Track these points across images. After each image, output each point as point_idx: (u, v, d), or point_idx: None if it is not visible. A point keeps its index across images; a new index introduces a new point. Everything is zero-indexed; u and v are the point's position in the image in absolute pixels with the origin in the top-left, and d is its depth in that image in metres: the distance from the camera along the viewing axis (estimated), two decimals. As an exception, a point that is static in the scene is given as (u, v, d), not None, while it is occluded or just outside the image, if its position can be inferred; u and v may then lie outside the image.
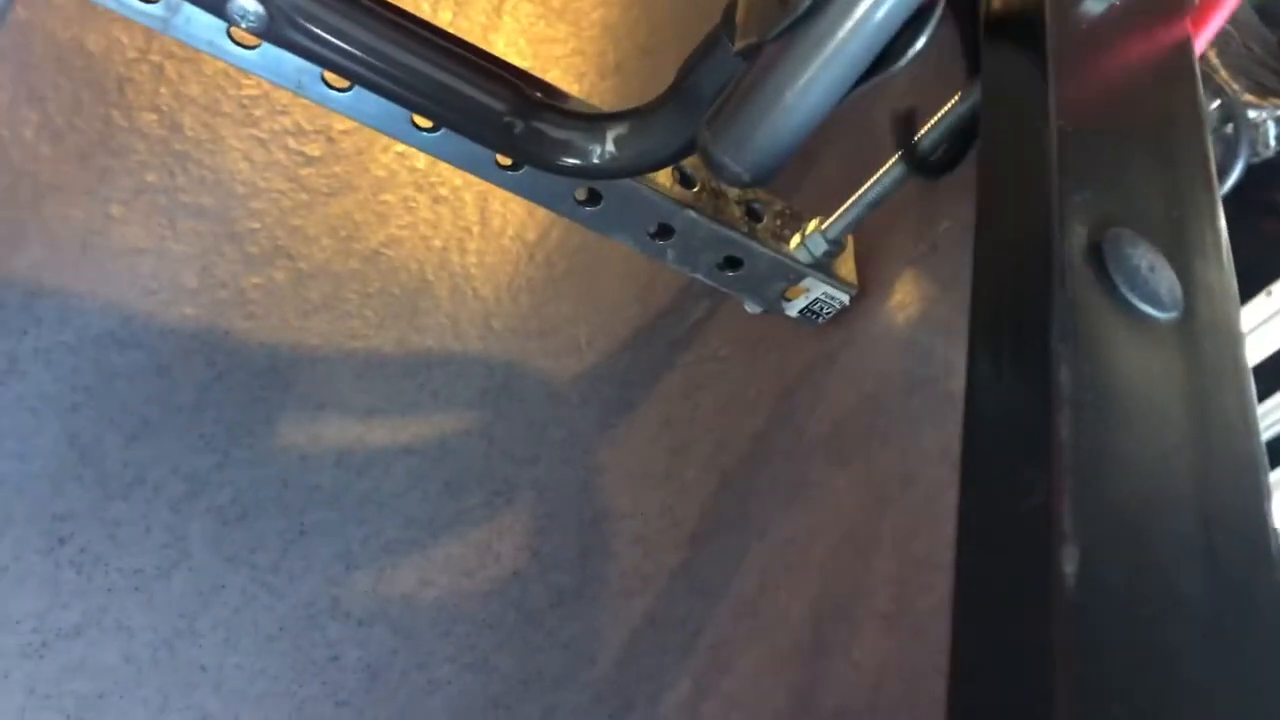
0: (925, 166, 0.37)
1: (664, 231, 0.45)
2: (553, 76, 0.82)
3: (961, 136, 0.39)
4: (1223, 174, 0.88)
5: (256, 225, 0.65)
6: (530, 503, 0.59)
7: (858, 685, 0.45)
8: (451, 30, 0.80)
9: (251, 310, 0.62)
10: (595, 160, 0.37)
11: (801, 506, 0.50)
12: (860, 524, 0.47)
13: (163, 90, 0.67)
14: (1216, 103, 0.91)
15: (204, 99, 0.68)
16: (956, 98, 0.41)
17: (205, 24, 0.38)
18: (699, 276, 0.48)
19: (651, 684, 0.49)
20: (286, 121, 0.70)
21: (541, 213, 0.72)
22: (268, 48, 0.39)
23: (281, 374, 0.61)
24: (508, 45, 0.81)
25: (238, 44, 0.40)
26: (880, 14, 0.27)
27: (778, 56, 0.29)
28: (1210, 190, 0.32)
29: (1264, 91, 0.90)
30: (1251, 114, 0.90)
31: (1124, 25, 0.32)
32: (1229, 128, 0.88)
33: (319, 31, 0.34)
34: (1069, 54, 0.31)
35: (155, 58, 0.69)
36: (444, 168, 0.73)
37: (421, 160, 0.73)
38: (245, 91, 0.70)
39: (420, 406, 0.63)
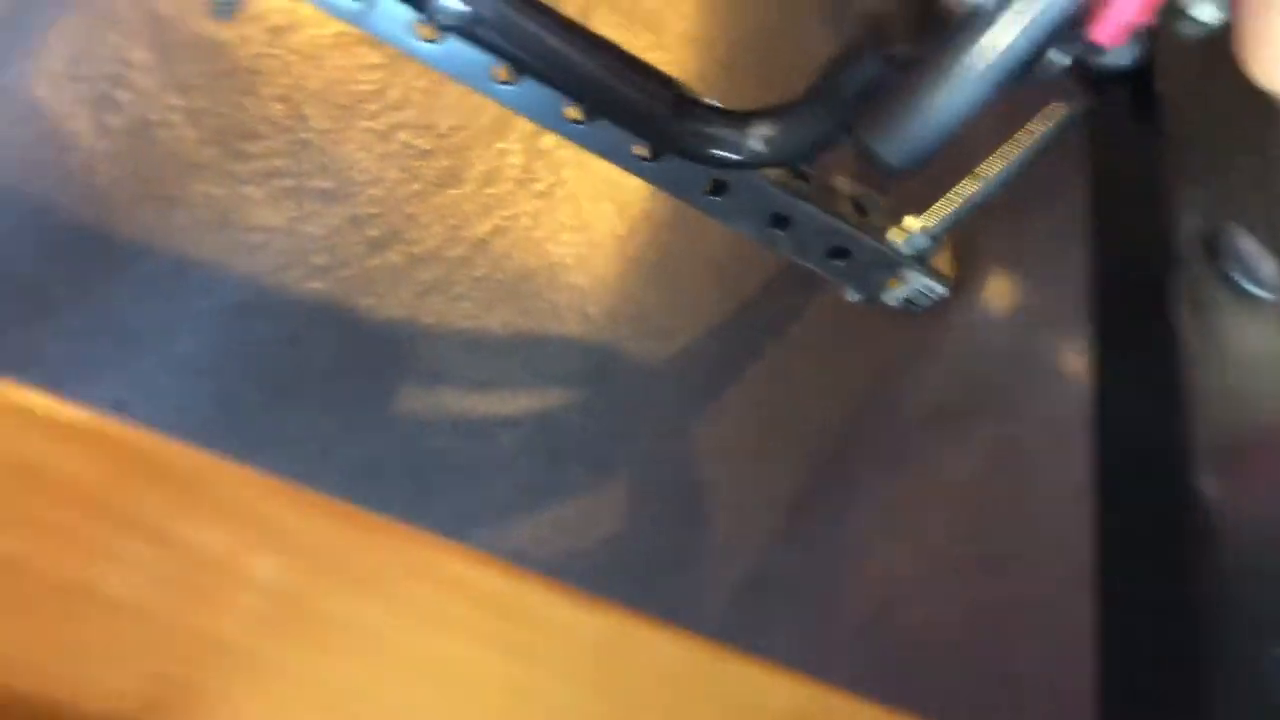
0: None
1: (780, 221, 0.50)
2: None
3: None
4: None
5: (375, 211, 0.70)
6: (628, 475, 0.64)
7: (959, 625, 0.49)
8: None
9: (373, 288, 0.67)
10: (741, 154, 0.42)
11: (901, 475, 0.55)
12: (964, 489, 0.52)
13: (288, 82, 0.73)
14: None
15: (326, 93, 0.73)
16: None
17: (394, 21, 0.43)
18: (808, 264, 0.53)
19: (753, 634, 0.53)
20: (400, 117, 0.75)
21: (630, 211, 0.77)
22: (450, 43, 0.44)
23: (401, 347, 0.66)
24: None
25: (422, 40, 0.45)
26: (1045, 25, 0.32)
27: (932, 64, 0.34)
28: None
29: None
30: None
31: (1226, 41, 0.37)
32: None
33: (509, 25, 0.39)
34: (1177, 62, 0.36)
35: (280, 51, 0.74)
36: (541, 166, 0.78)
37: (520, 157, 0.78)
38: (361, 87, 0.75)
39: (525, 383, 0.68)
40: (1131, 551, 0.27)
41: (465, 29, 0.39)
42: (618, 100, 0.42)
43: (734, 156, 0.43)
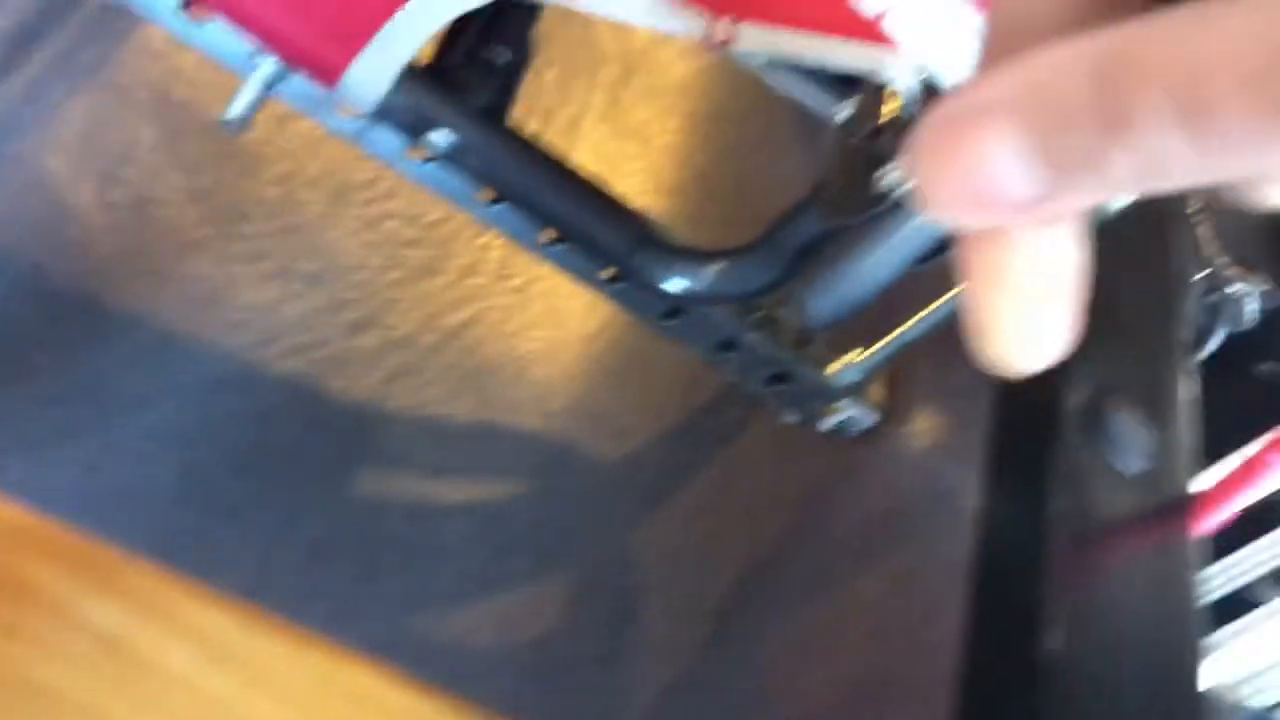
0: None
1: (728, 346, 0.54)
2: (619, 190, 0.92)
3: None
4: (1204, 340, 0.96)
5: (356, 295, 0.74)
6: (572, 571, 0.66)
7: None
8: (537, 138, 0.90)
9: (346, 370, 0.70)
10: (695, 288, 0.45)
11: (823, 595, 0.57)
12: (875, 613, 0.55)
13: (288, 168, 0.77)
14: (1204, 273, 0.99)
15: (322, 180, 0.78)
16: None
17: (389, 143, 0.47)
18: (750, 387, 0.56)
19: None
20: (390, 206, 0.79)
21: (599, 311, 0.81)
22: (438, 167, 0.48)
23: (365, 429, 0.69)
24: (581, 158, 0.90)
25: (413, 161, 0.49)
26: (929, 230, 0.37)
27: (861, 235, 0.39)
28: (1185, 371, 0.40)
29: (1248, 267, 0.97)
30: (1234, 287, 0.95)
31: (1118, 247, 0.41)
32: (1212, 297, 0.96)
33: (491, 160, 0.43)
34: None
35: (283, 140, 0.78)
36: (519, 262, 0.82)
37: (499, 252, 0.82)
38: (357, 176, 0.79)
39: (481, 473, 0.71)
40: (986, 699, 0.30)
41: (452, 157, 0.43)
42: (585, 231, 0.46)
43: (683, 290, 0.46)
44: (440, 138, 0.42)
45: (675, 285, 0.46)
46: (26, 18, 0.71)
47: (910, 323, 0.52)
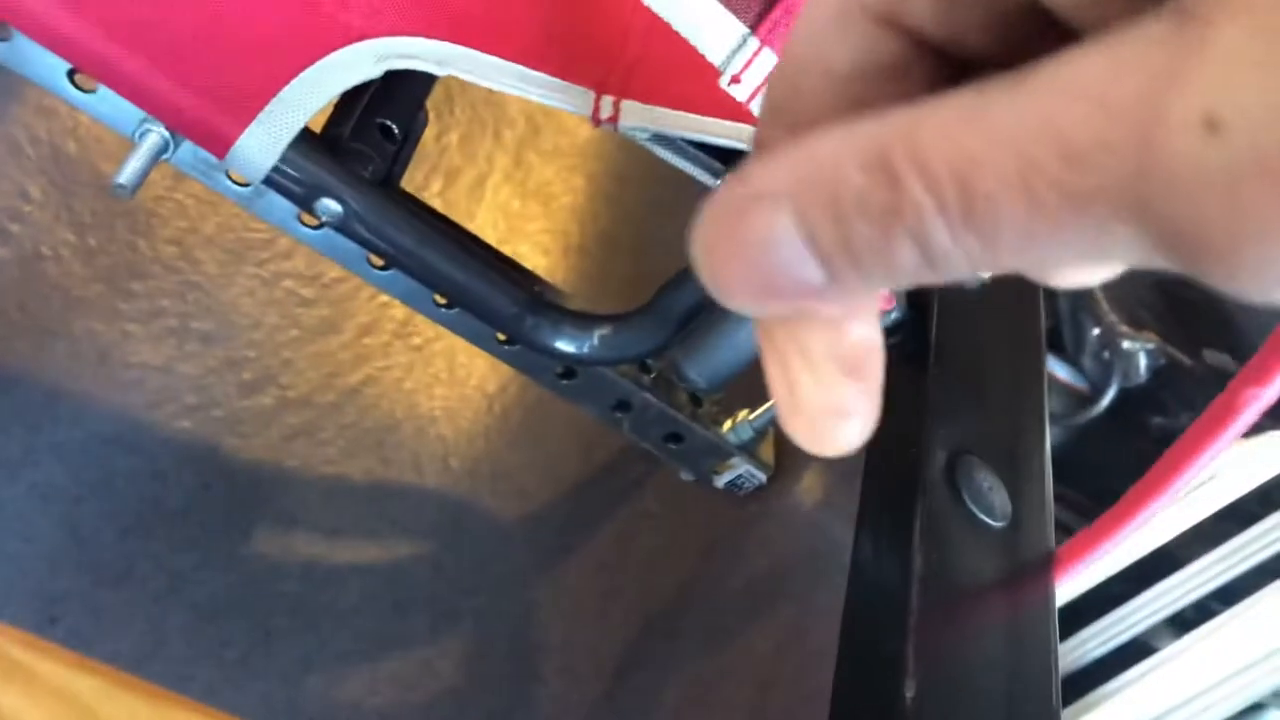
0: None
1: (622, 406, 0.56)
2: (523, 249, 0.93)
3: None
4: (1098, 395, 1.00)
5: (252, 354, 0.74)
6: (470, 629, 0.66)
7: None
8: (440, 199, 0.91)
9: (241, 430, 0.70)
10: (583, 351, 0.47)
11: (716, 649, 0.58)
12: (764, 666, 0.56)
13: (184, 225, 0.76)
14: (1096, 330, 1.04)
15: (218, 238, 0.77)
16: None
17: (281, 208, 0.48)
18: (646, 445, 0.58)
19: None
20: (287, 265, 0.79)
21: (501, 369, 0.82)
22: (330, 232, 0.48)
23: (261, 489, 0.68)
24: (485, 218, 0.92)
25: (304, 225, 0.49)
26: None
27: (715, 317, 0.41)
28: (1042, 429, 0.43)
29: (1139, 325, 1.02)
30: (1126, 344, 0.99)
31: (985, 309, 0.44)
32: (1106, 354, 1.01)
33: (379, 229, 0.44)
34: (951, 321, 0.43)
35: (180, 196, 0.78)
36: (420, 321, 0.82)
37: (400, 311, 0.82)
38: (254, 234, 0.79)
39: (379, 532, 0.71)
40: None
41: (341, 226, 0.44)
42: (475, 296, 0.47)
43: (576, 353, 0.48)
44: (329, 205, 0.43)
45: (565, 347, 0.48)
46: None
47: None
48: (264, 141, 0.40)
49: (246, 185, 0.47)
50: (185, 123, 0.41)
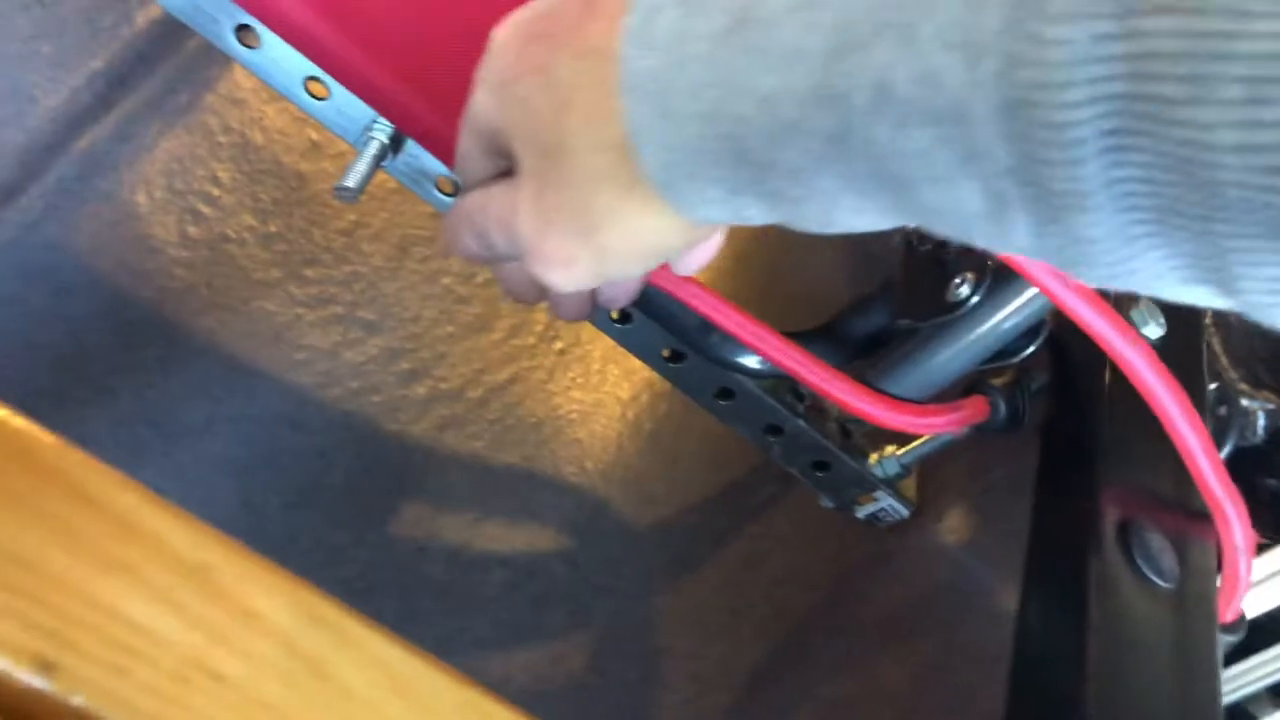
0: (997, 427, 0.49)
1: (774, 430, 0.57)
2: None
3: (1027, 401, 0.51)
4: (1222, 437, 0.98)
5: (411, 345, 0.77)
6: (602, 627, 0.69)
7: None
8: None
9: (397, 416, 0.74)
10: (764, 367, 0.49)
11: (849, 676, 0.60)
12: (902, 699, 0.57)
13: (354, 218, 0.80)
14: (1214, 385, 1.02)
15: (385, 232, 0.81)
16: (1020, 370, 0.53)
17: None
18: (792, 470, 0.59)
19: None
20: (445, 263, 0.83)
21: (636, 376, 0.84)
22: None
23: (413, 474, 0.72)
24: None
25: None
26: (1010, 324, 0.41)
27: (931, 337, 0.43)
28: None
29: (1258, 384, 1.00)
30: (1244, 402, 0.98)
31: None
32: (1223, 410, 0.99)
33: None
34: (1121, 389, 0.43)
35: (361, 197, 0.82)
36: (563, 325, 0.85)
37: (546, 314, 0.85)
38: (418, 231, 0.83)
39: (519, 525, 0.74)
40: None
41: None
42: (663, 310, 0.50)
43: (754, 367, 0.50)
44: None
45: (746, 361, 0.50)
46: (123, 61, 0.75)
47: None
48: None
49: (455, 195, 0.50)
50: (425, 133, 0.44)
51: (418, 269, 0.81)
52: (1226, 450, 0.96)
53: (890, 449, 0.59)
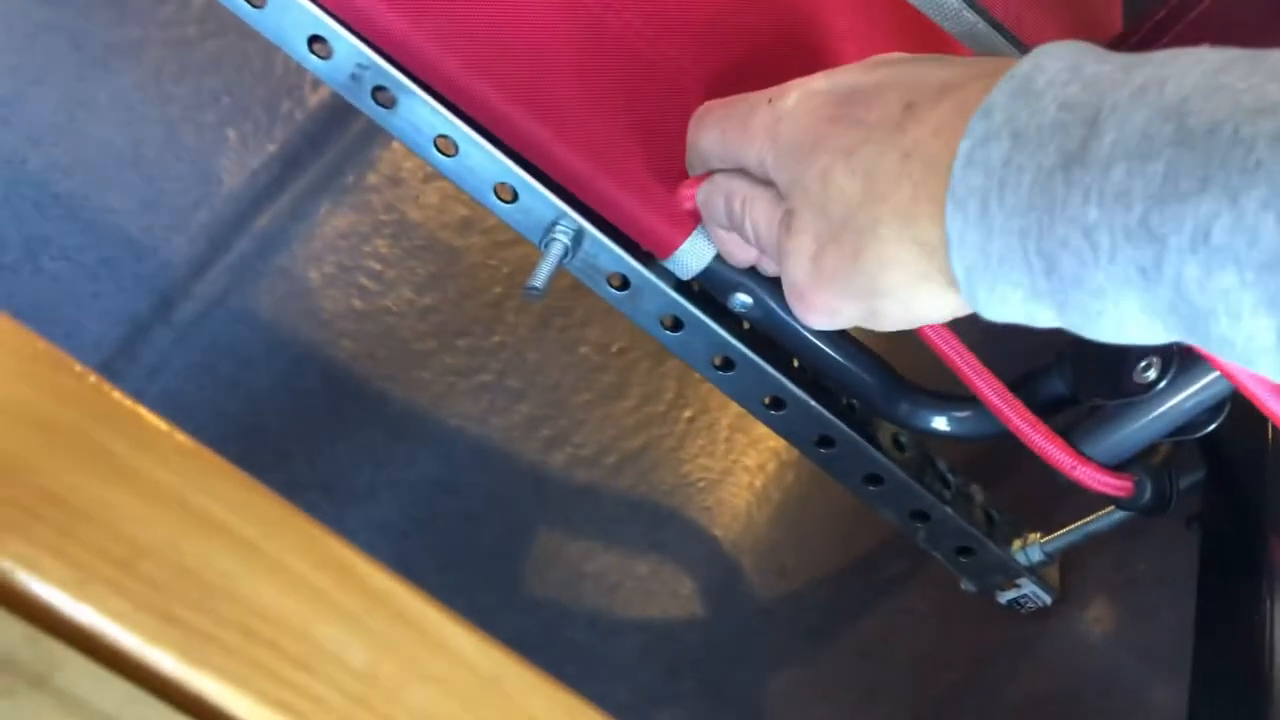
0: (1149, 509, 0.50)
1: (921, 516, 0.59)
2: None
3: (1175, 488, 0.52)
4: None
5: (552, 413, 0.81)
6: (735, 698, 0.71)
7: None
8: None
9: (540, 483, 0.77)
10: (949, 429, 0.52)
11: (988, 762, 0.61)
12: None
13: (500, 291, 0.85)
14: None
15: (530, 305, 0.85)
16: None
17: (648, 314, 0.55)
18: (937, 554, 0.61)
19: None
20: (583, 333, 0.86)
21: (764, 444, 0.87)
22: (682, 336, 0.55)
23: (555, 540, 0.75)
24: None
25: (664, 329, 0.56)
26: (1192, 404, 0.44)
27: (1118, 414, 0.46)
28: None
29: None
30: None
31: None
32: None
33: (784, 319, 0.51)
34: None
35: (496, 262, 0.86)
36: (691, 394, 0.88)
37: (675, 383, 0.88)
38: (557, 303, 0.87)
39: (654, 592, 0.76)
40: None
41: (752, 315, 0.50)
42: (852, 377, 0.53)
43: (941, 430, 0.52)
44: (743, 299, 0.50)
45: (939, 425, 0.52)
46: (296, 144, 0.81)
47: (1101, 514, 0.56)
48: (700, 248, 0.48)
49: (624, 290, 0.53)
50: (637, 228, 0.48)
51: (558, 339, 0.85)
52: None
53: (1034, 536, 0.60)
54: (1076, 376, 0.50)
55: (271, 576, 0.22)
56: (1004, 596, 0.61)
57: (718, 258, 0.50)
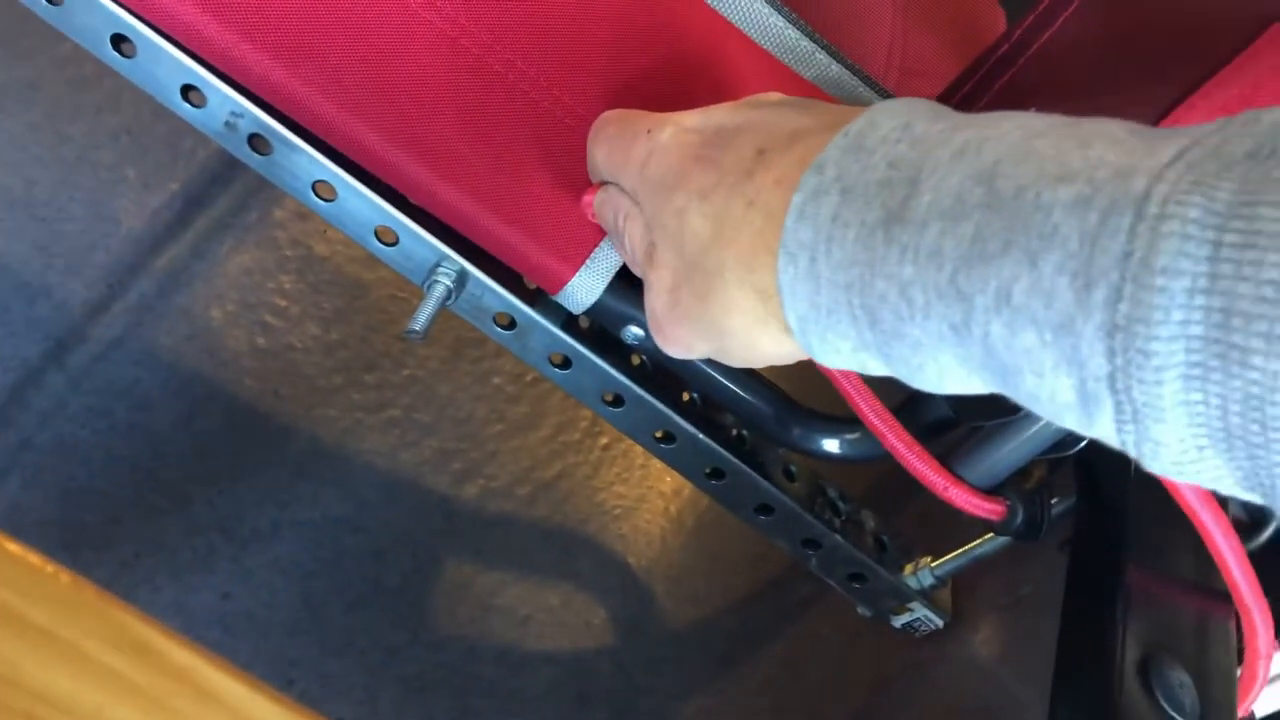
0: (1021, 533, 0.52)
1: (812, 544, 0.60)
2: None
3: (1046, 513, 0.53)
4: (1259, 527, 1.00)
5: (464, 446, 0.81)
6: (644, 725, 0.71)
7: None
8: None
9: (451, 517, 0.77)
10: (841, 452, 0.53)
11: (884, 785, 0.62)
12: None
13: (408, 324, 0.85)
14: None
15: (440, 336, 0.85)
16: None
17: (537, 353, 0.55)
18: (830, 581, 0.62)
19: None
20: (496, 364, 0.87)
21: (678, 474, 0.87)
22: (571, 373, 0.55)
23: (464, 574, 0.75)
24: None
25: (553, 365, 0.56)
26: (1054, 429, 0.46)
27: (995, 433, 0.47)
28: (1228, 628, 0.45)
29: None
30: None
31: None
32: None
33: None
34: (1145, 512, 0.46)
35: (407, 295, 0.86)
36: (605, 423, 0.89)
37: (589, 412, 0.89)
38: (470, 334, 0.87)
39: (565, 623, 0.76)
40: None
41: (644, 347, 0.51)
42: (746, 406, 0.53)
43: (835, 453, 0.53)
44: (634, 331, 0.51)
45: (830, 447, 0.54)
46: (199, 182, 0.81)
47: (984, 538, 0.58)
48: (590, 282, 0.48)
49: (511, 329, 0.54)
50: (526, 264, 0.49)
51: (470, 370, 0.85)
52: (1272, 528, 0.98)
53: (925, 560, 0.61)
54: (957, 398, 0.52)
55: (65, 662, 0.22)
56: (898, 620, 0.62)
57: (608, 290, 0.50)
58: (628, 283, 0.50)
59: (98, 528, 0.66)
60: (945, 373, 0.30)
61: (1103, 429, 0.26)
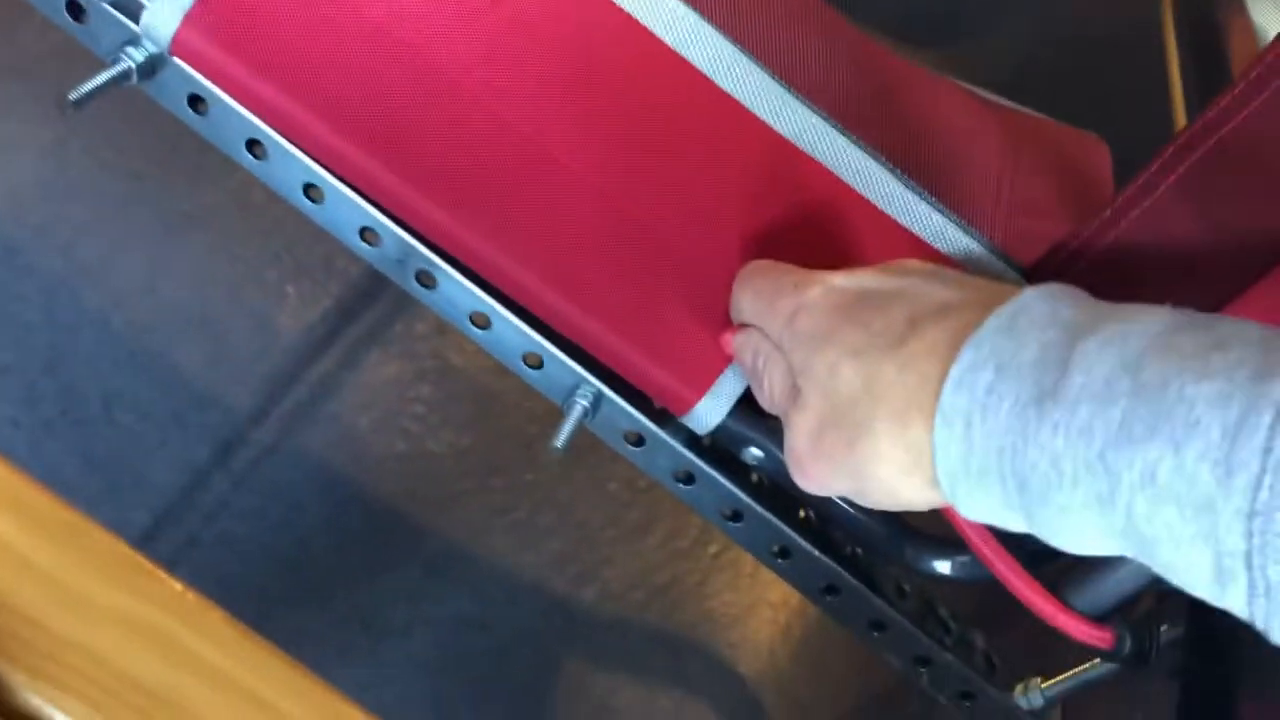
0: (1129, 661, 0.53)
1: (923, 661, 0.62)
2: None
3: (1155, 642, 0.54)
4: None
5: (582, 549, 0.85)
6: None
7: None
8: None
9: (570, 618, 0.81)
10: (954, 573, 0.55)
11: None
12: None
13: (534, 430, 0.90)
14: None
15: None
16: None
17: (661, 468, 0.60)
18: (940, 699, 0.64)
19: None
20: (611, 469, 0.91)
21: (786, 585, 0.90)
22: (695, 489, 0.59)
23: (583, 677, 0.78)
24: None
25: (678, 481, 0.60)
26: None
27: (1101, 564, 0.49)
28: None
29: None
30: None
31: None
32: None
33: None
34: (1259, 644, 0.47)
35: (530, 402, 0.92)
36: (717, 531, 0.92)
37: (700, 518, 0.92)
38: (588, 441, 0.91)
39: (677, 727, 0.79)
40: None
41: (765, 467, 0.54)
42: (865, 528, 0.56)
43: (946, 574, 0.56)
44: (754, 453, 0.54)
45: (941, 569, 0.56)
46: (351, 297, 0.88)
47: (1092, 663, 0.59)
48: (715, 406, 0.52)
49: (640, 446, 0.58)
50: (656, 388, 0.53)
51: (587, 476, 0.89)
52: None
53: (1035, 681, 0.62)
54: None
55: None
56: (1009, 740, 0.63)
57: (732, 414, 0.54)
58: (749, 409, 0.54)
59: (250, 619, 0.72)
60: (1085, 536, 0.33)
61: (1234, 601, 0.29)
